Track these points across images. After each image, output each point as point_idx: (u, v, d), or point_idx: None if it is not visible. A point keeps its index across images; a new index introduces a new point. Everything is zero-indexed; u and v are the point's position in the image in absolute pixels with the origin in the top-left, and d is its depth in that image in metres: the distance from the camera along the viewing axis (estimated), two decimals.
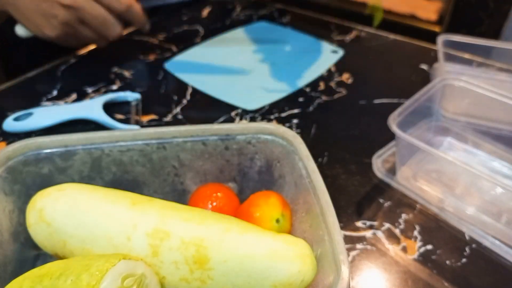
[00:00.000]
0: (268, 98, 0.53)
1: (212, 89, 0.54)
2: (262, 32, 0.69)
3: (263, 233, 0.26)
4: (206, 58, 0.61)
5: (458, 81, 0.45)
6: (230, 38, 0.67)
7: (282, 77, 0.58)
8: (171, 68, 0.58)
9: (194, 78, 0.56)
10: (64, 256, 0.28)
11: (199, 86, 0.55)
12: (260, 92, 0.54)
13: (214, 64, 0.60)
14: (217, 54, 0.62)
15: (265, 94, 0.54)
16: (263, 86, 0.55)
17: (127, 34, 0.67)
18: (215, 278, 0.25)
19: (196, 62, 0.60)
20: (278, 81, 0.57)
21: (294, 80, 0.57)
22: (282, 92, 0.54)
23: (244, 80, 0.57)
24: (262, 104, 0.52)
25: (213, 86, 0.55)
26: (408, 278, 0.33)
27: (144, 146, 0.32)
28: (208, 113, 0.50)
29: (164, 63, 0.59)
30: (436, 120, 0.49)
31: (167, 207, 0.27)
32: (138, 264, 0.24)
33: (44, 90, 0.53)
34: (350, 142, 0.47)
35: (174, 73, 0.57)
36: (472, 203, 0.40)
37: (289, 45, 0.66)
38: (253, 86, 0.55)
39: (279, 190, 0.33)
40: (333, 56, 0.63)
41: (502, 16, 1.43)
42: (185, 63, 0.60)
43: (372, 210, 0.39)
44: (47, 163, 0.31)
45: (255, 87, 0.55)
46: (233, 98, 0.52)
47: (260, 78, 0.57)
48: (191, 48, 0.63)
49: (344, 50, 0.66)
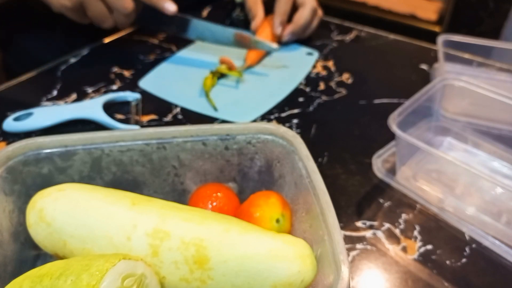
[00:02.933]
0: (258, 111, 0.51)
1: (198, 106, 0.51)
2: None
3: (263, 233, 0.26)
4: (181, 71, 0.58)
5: (458, 81, 0.45)
6: (203, 45, 0.63)
7: (266, 86, 0.56)
8: (146, 86, 0.54)
9: (175, 95, 0.53)
10: (64, 256, 0.28)
11: (183, 104, 0.51)
12: (248, 104, 0.52)
13: (193, 76, 0.56)
14: (192, 62, 0.59)
15: (256, 105, 0.51)
16: (249, 97, 0.53)
17: (127, 34, 0.67)
18: (215, 278, 0.25)
19: (172, 76, 0.57)
20: (261, 92, 0.54)
21: (278, 89, 0.55)
22: (268, 103, 0.52)
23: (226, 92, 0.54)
24: (253, 117, 0.50)
25: (198, 102, 0.52)
26: (408, 278, 0.33)
27: (144, 146, 0.32)
28: None
29: (140, 79, 0.55)
30: (436, 120, 0.49)
31: (167, 207, 0.27)
32: (138, 264, 0.24)
33: (44, 90, 0.53)
34: (350, 142, 0.47)
35: (151, 92, 0.53)
36: (472, 203, 0.40)
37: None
38: (239, 98, 0.53)
39: (279, 190, 0.33)
40: (310, 58, 0.62)
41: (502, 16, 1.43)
42: (160, 80, 0.56)
43: (372, 210, 0.39)
44: (47, 163, 0.31)
45: (242, 99, 0.53)
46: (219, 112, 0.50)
47: (247, 88, 0.55)
48: (164, 62, 0.60)
49: (344, 50, 0.66)
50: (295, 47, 0.65)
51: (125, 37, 0.66)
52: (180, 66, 0.59)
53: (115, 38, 0.66)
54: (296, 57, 0.63)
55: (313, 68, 0.61)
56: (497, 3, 1.46)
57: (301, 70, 0.60)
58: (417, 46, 0.68)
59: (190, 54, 0.62)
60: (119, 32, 0.67)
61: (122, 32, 0.67)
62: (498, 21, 1.44)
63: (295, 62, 0.61)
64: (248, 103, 0.52)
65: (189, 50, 0.63)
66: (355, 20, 0.75)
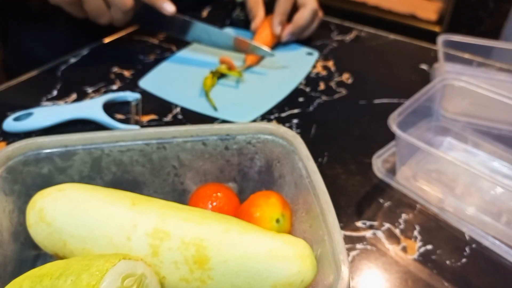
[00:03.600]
0: (258, 111, 0.51)
1: (198, 106, 0.51)
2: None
3: (263, 233, 0.26)
4: (181, 71, 0.57)
5: (458, 81, 0.45)
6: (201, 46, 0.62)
7: (266, 86, 0.55)
8: (146, 86, 0.54)
9: (175, 95, 0.53)
10: (64, 256, 0.28)
11: (183, 104, 0.51)
12: (248, 104, 0.52)
13: (193, 76, 0.56)
14: (192, 62, 0.59)
15: (256, 105, 0.51)
16: (249, 97, 0.53)
17: (127, 34, 0.67)
18: (215, 278, 0.25)
19: (172, 76, 0.57)
20: (261, 92, 0.54)
21: (278, 89, 0.55)
22: (268, 103, 0.52)
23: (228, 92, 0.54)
24: (253, 117, 0.50)
25: (198, 102, 0.52)
26: (408, 278, 0.33)
27: (144, 146, 0.32)
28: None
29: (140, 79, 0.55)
30: (436, 120, 0.49)
31: (167, 207, 0.27)
32: (138, 264, 0.24)
33: (44, 90, 0.53)
34: (350, 142, 0.47)
35: (151, 92, 0.53)
36: (472, 203, 0.40)
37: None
38: (239, 97, 0.53)
39: (279, 190, 0.33)
40: (310, 58, 0.62)
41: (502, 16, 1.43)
42: (160, 80, 0.56)
43: (372, 210, 0.39)
44: (47, 163, 0.31)
45: (242, 99, 0.53)
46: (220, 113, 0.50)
47: (247, 88, 0.55)
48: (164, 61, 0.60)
49: (344, 50, 0.66)
50: (295, 47, 0.65)
51: (125, 37, 0.66)
52: (180, 66, 0.59)
53: (115, 38, 0.66)
54: (296, 57, 0.63)
55: (313, 68, 0.61)
56: (497, 3, 1.46)
57: (301, 70, 0.60)
58: (417, 46, 0.68)
59: (190, 54, 0.62)
60: (119, 32, 0.67)
61: (122, 32, 0.67)
62: (498, 21, 1.44)
63: (295, 62, 0.61)
64: (248, 103, 0.52)
65: (189, 50, 0.63)
66: (355, 20, 0.75)
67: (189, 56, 0.62)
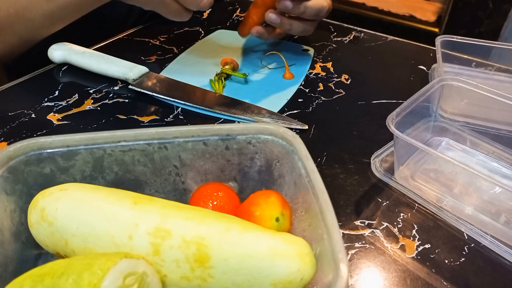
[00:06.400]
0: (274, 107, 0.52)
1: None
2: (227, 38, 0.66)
3: (263, 232, 0.26)
4: (182, 71, 0.58)
5: (457, 81, 0.45)
6: (205, 46, 0.64)
7: (273, 86, 0.56)
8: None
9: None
10: (65, 255, 0.28)
11: (185, 106, 0.51)
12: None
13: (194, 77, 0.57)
14: (194, 62, 0.60)
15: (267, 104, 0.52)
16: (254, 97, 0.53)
17: (128, 35, 0.67)
18: (216, 276, 0.25)
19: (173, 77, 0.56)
20: (262, 92, 0.55)
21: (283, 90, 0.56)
22: (281, 101, 0.53)
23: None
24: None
25: None
26: (406, 276, 0.33)
27: (145, 146, 0.32)
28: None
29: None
30: (435, 120, 0.49)
31: (168, 206, 0.28)
32: (139, 263, 0.25)
33: (45, 90, 0.53)
34: (349, 142, 0.47)
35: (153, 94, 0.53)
36: (470, 202, 0.40)
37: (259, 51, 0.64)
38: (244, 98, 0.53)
39: (279, 189, 0.33)
40: (308, 59, 0.63)
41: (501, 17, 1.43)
42: None
43: (371, 209, 0.39)
44: (49, 163, 0.31)
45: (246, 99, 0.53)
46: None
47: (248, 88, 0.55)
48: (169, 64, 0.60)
49: (343, 51, 0.66)
50: (294, 48, 0.66)
51: (126, 38, 0.66)
52: (180, 66, 0.59)
53: (116, 38, 0.66)
54: (296, 57, 0.63)
55: (312, 69, 0.61)
56: (497, 3, 1.46)
57: (301, 70, 0.60)
58: (415, 47, 0.68)
59: (191, 54, 0.62)
60: (120, 33, 0.67)
61: (123, 33, 0.67)
62: (497, 21, 1.44)
63: (295, 62, 0.62)
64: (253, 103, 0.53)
65: (190, 51, 0.63)
66: (354, 21, 0.75)
67: (190, 56, 0.62)
